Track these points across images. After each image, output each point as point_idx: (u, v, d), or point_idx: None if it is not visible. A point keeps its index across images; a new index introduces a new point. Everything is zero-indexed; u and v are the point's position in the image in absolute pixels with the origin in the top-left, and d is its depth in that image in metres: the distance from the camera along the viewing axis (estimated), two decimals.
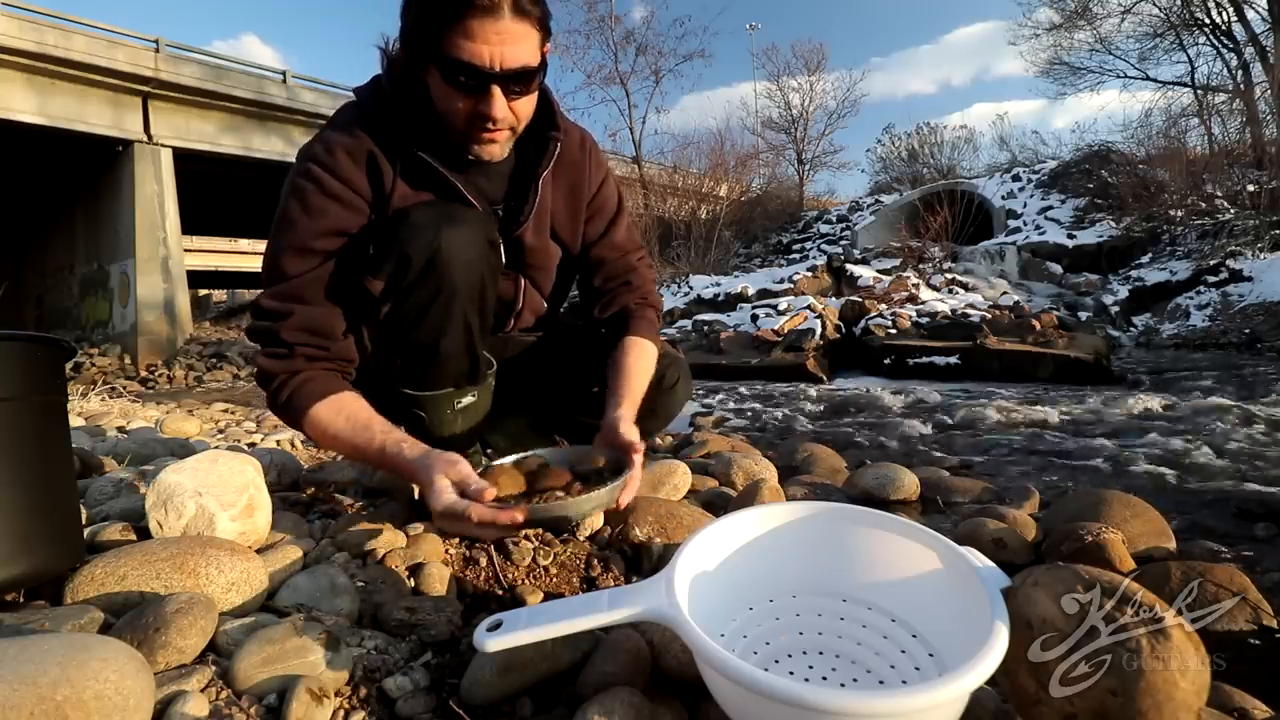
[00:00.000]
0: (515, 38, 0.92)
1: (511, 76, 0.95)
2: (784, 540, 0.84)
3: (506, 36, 0.92)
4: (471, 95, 0.96)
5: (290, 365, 1.03)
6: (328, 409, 1.01)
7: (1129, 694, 0.57)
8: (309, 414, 1.01)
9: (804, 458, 2.22)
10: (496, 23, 0.90)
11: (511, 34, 0.92)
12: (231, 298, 36.32)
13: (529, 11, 0.93)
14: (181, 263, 12.13)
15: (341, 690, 0.75)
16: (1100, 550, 1.20)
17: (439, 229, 1.00)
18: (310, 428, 1.02)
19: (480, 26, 0.90)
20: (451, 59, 0.93)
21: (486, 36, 0.91)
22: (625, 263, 1.30)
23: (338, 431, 1.00)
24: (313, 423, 1.01)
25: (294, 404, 1.01)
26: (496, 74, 0.94)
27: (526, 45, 0.94)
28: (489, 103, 0.96)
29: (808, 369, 6.52)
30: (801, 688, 0.55)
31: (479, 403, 1.18)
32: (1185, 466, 2.33)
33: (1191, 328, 8.40)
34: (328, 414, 1.01)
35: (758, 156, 21.71)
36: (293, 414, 1.02)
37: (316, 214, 1.02)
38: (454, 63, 0.93)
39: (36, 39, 10.13)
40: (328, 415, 1.00)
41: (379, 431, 0.99)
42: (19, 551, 0.80)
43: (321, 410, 1.00)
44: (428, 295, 1.03)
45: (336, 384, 1.05)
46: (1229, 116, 14.14)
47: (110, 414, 3.40)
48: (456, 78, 0.94)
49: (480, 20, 0.90)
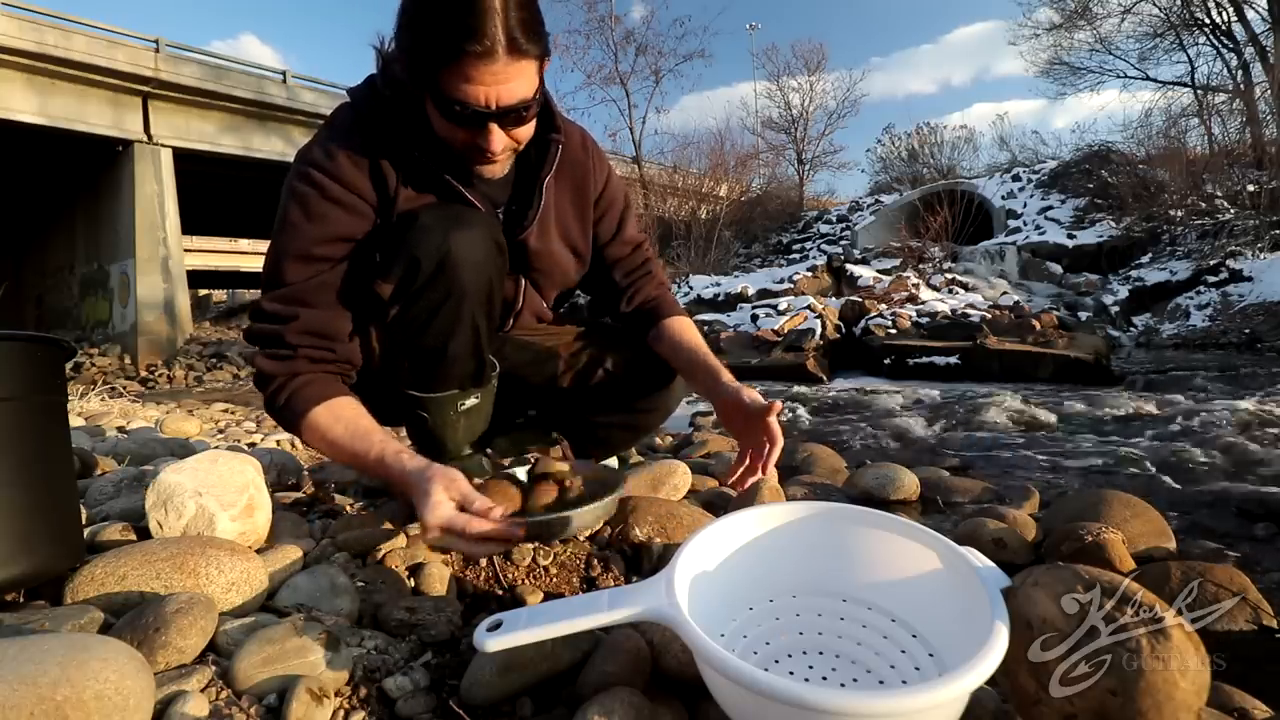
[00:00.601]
0: (512, 76, 0.91)
1: (509, 112, 0.94)
2: (784, 540, 0.84)
3: (503, 77, 0.90)
4: (469, 129, 0.96)
5: (291, 367, 1.02)
6: (326, 414, 1.00)
7: (1129, 694, 0.57)
8: (307, 417, 0.99)
9: (804, 458, 2.22)
10: (492, 65, 0.89)
11: (508, 74, 0.90)
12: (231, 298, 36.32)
13: (526, 50, 0.91)
14: (181, 263, 12.13)
15: (341, 690, 0.75)
16: (1100, 550, 1.20)
17: (448, 232, 1.00)
18: (308, 432, 1.01)
19: (476, 70, 0.89)
20: (448, 97, 0.92)
21: (482, 79, 0.89)
22: (640, 254, 1.34)
23: (336, 438, 0.99)
24: (310, 427, 1.00)
25: (292, 406, 1.00)
26: (494, 113, 0.93)
27: (524, 81, 0.93)
28: (487, 138, 0.96)
29: (808, 369, 6.52)
30: (801, 688, 0.55)
31: (482, 405, 1.18)
32: (1185, 466, 2.33)
33: (1191, 328, 8.40)
34: (326, 419, 0.99)
35: (758, 156, 21.75)
36: (290, 417, 1.01)
37: (319, 220, 1.01)
38: (450, 100, 0.92)
39: (36, 39, 10.14)
40: (326, 420, 0.99)
41: (378, 440, 0.98)
42: (19, 551, 0.80)
43: (320, 414, 0.99)
44: (438, 298, 1.02)
45: (336, 388, 1.04)
46: (1229, 116, 14.16)
47: (110, 414, 3.40)
48: (453, 111, 0.94)
49: (475, 64, 0.88)
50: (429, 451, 1.18)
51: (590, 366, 1.32)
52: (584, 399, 1.32)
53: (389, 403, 1.13)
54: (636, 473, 1.47)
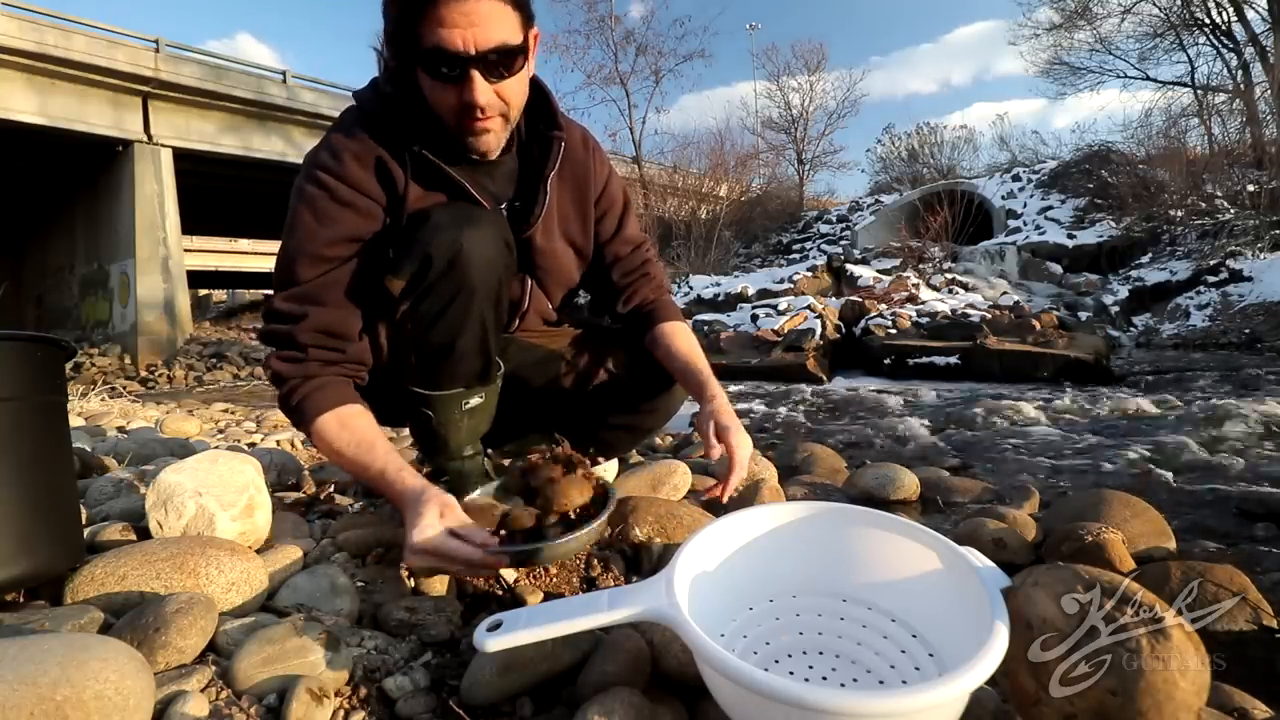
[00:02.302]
0: (487, 16, 0.92)
1: (490, 57, 0.94)
2: (784, 540, 0.84)
3: (477, 17, 0.91)
4: (454, 84, 0.96)
5: (304, 370, 1.02)
6: (334, 421, 1.01)
7: (1129, 694, 0.57)
8: (315, 423, 1.01)
9: (804, 458, 2.22)
10: (464, 4, 0.90)
11: (482, 14, 0.91)
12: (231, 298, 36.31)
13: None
14: (181, 263, 12.14)
15: (341, 690, 0.75)
16: (1100, 550, 1.20)
17: (460, 229, 1.01)
18: (316, 438, 1.02)
19: (449, 11, 0.90)
20: (428, 49, 0.93)
21: (456, 20, 0.91)
22: (639, 255, 1.33)
23: (341, 447, 1.00)
24: (319, 433, 1.01)
25: (302, 410, 1.01)
26: (473, 56, 0.93)
27: (502, 24, 0.94)
28: (471, 88, 0.96)
29: (808, 369, 6.52)
30: (801, 688, 0.55)
31: (485, 404, 1.18)
32: (1185, 466, 2.33)
33: (1191, 328, 8.40)
34: (334, 427, 1.00)
35: (758, 156, 21.75)
36: (301, 420, 1.03)
37: (329, 221, 1.02)
38: (430, 53, 0.93)
39: (37, 39, 10.14)
40: (334, 428, 1.00)
41: (381, 454, 0.99)
42: (19, 551, 0.80)
43: (328, 422, 1.00)
44: (448, 294, 1.03)
45: (346, 394, 1.04)
46: (1229, 116, 14.16)
47: (110, 414, 3.40)
48: (437, 68, 0.95)
49: (449, 5, 0.90)
50: (431, 451, 1.19)
51: (593, 368, 1.32)
52: (586, 400, 1.32)
53: (394, 401, 1.13)
54: (636, 473, 1.47)
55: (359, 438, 1.00)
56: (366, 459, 0.99)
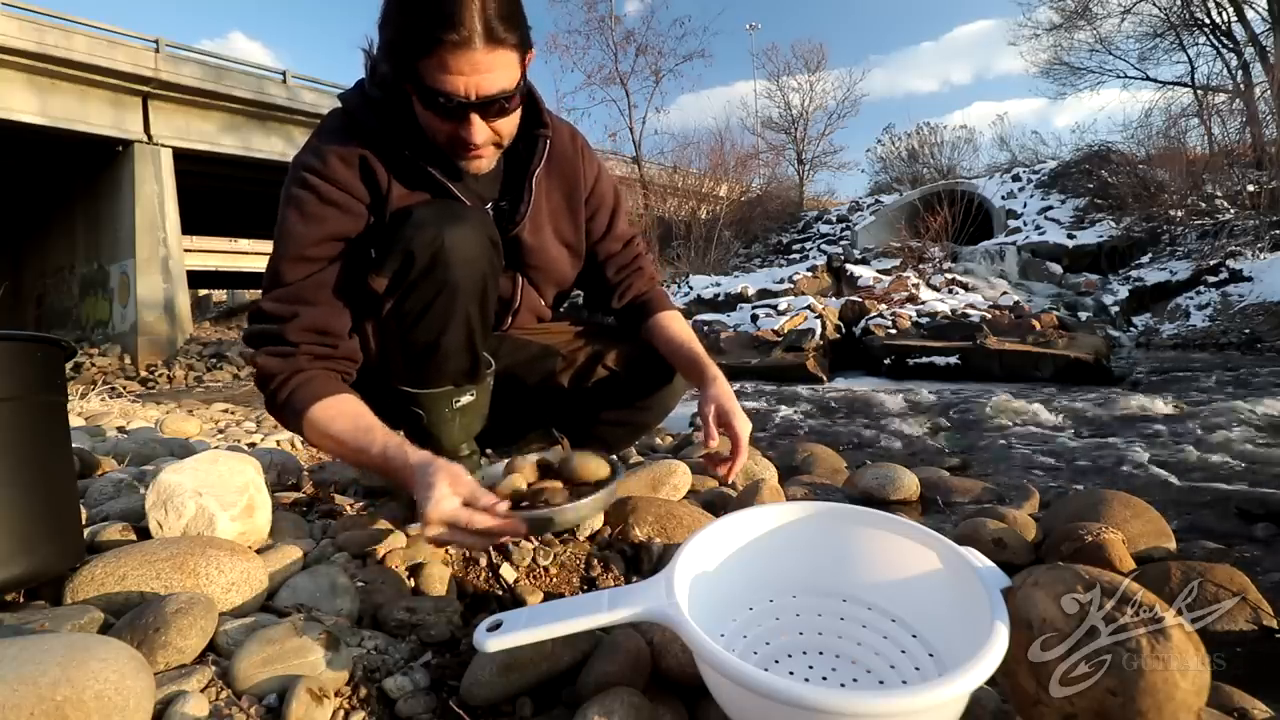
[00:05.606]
0: (490, 66, 0.91)
1: (490, 103, 0.95)
2: (784, 540, 0.84)
3: (481, 66, 0.91)
4: (450, 120, 0.97)
5: (293, 364, 1.02)
6: (328, 410, 0.99)
7: (1129, 694, 0.57)
8: (308, 414, 0.99)
9: (804, 458, 2.22)
10: (470, 54, 0.89)
11: (486, 64, 0.91)
12: (231, 298, 36.33)
13: (504, 39, 0.91)
14: (181, 263, 12.14)
15: (341, 690, 0.75)
16: (1100, 550, 1.20)
17: (442, 226, 1.00)
18: (309, 429, 1.00)
19: (456, 60, 0.89)
20: (428, 87, 0.93)
21: (460, 68, 0.90)
22: (631, 250, 1.35)
23: (337, 432, 0.98)
24: (312, 424, 0.99)
25: (293, 404, 1.00)
26: (473, 104, 0.93)
27: (503, 71, 0.93)
28: (468, 129, 0.96)
29: (808, 369, 6.52)
30: (801, 688, 0.55)
31: (477, 402, 1.18)
32: (1185, 466, 2.33)
33: (1191, 328, 8.39)
34: (328, 415, 0.99)
35: (758, 156, 21.73)
36: (291, 414, 1.01)
37: (314, 221, 1.02)
38: (431, 90, 0.93)
39: (37, 39, 10.14)
40: (328, 417, 0.99)
41: (380, 435, 0.98)
42: (19, 551, 0.80)
43: (321, 411, 0.99)
44: (431, 292, 1.03)
45: (337, 385, 1.04)
46: (1229, 116, 14.13)
47: (110, 414, 3.40)
48: (435, 103, 0.94)
49: (453, 53, 0.89)
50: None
51: (589, 364, 1.32)
52: (583, 397, 1.32)
53: (386, 402, 1.13)
54: (636, 473, 1.47)
55: (355, 423, 0.99)
56: (365, 441, 0.97)
